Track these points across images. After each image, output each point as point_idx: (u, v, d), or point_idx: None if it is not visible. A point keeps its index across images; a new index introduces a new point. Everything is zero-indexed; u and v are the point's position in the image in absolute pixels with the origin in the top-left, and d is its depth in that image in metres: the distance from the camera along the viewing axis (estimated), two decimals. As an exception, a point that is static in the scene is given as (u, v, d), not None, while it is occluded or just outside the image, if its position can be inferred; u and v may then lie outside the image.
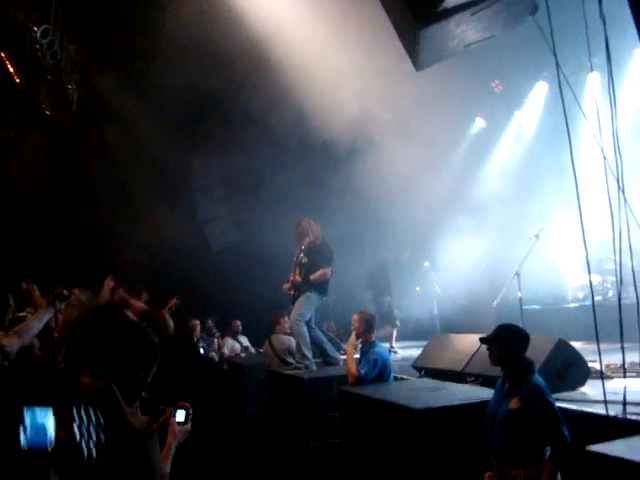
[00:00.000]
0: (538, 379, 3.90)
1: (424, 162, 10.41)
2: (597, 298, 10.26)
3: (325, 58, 9.16)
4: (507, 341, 4.00)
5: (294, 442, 6.85)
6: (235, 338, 10.57)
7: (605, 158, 3.75)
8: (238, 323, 10.66)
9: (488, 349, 4.13)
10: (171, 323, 5.06)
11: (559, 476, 3.76)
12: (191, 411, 2.85)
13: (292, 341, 7.75)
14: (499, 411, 3.93)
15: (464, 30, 4.09)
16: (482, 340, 4.16)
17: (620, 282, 4.42)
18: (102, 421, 1.89)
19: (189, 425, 2.80)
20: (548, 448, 3.76)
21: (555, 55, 4.28)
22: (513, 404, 3.85)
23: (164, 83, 10.49)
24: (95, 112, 11.71)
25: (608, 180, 3.78)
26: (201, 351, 9.12)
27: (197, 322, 9.98)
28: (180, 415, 2.79)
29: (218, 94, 11.03)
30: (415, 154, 10.11)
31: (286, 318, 8.18)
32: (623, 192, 3.58)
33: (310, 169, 11.82)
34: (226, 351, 10.24)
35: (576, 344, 5.64)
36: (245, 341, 10.65)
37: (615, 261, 3.72)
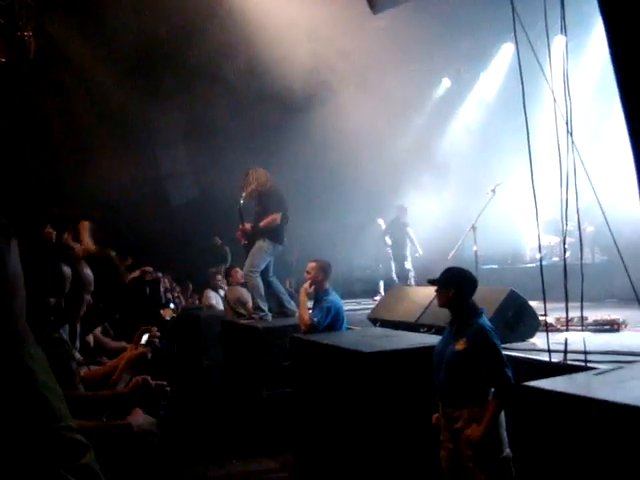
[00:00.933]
0: (485, 321, 3.95)
1: (387, 118, 10.39)
2: (555, 259, 10.48)
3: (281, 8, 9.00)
4: (454, 283, 4.03)
5: (248, 391, 6.87)
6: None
7: (555, 101, 3.73)
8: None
9: (436, 291, 4.16)
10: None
11: (502, 416, 3.83)
12: (155, 336, 2.87)
13: (244, 292, 7.73)
14: (445, 352, 3.97)
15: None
16: (430, 281, 4.17)
17: (565, 232, 4.48)
18: None
19: (149, 350, 2.82)
20: (492, 389, 3.83)
21: (514, 12, 4.25)
22: (459, 345, 3.89)
23: (117, 31, 10.18)
24: (53, 61, 11.33)
25: (557, 125, 3.76)
26: (171, 305, 8.87)
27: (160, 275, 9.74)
28: (144, 338, 2.84)
29: (172, 43, 10.79)
30: (377, 109, 10.07)
31: (237, 269, 8.14)
32: (571, 134, 3.56)
33: (268, 119, 11.68)
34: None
35: (532, 303, 5.71)
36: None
37: (562, 207, 3.71)
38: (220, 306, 9.46)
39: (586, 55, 10.27)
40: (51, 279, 2.23)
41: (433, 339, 4.85)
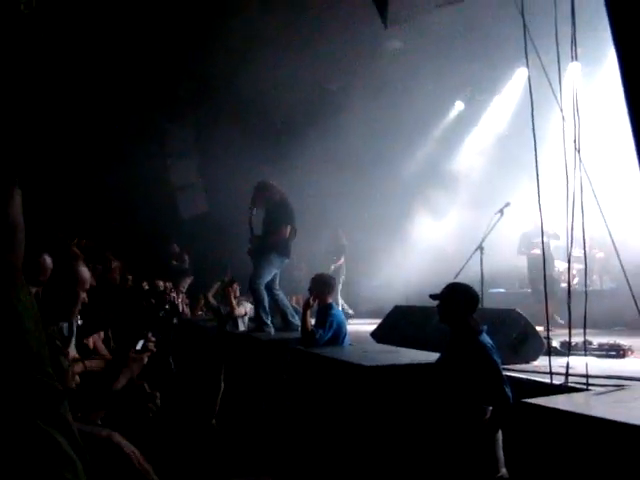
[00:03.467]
0: (484, 338, 3.92)
1: (398, 138, 10.44)
2: (562, 285, 10.38)
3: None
4: (453, 299, 4.01)
5: (248, 404, 6.82)
6: None
7: (564, 118, 3.73)
8: None
9: (437, 306, 4.14)
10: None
11: (499, 435, 3.79)
12: (150, 342, 2.86)
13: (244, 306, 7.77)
14: (444, 369, 3.94)
15: (436, -14, 4.04)
16: (432, 296, 4.16)
17: (570, 255, 4.45)
18: None
19: (145, 356, 2.82)
20: (490, 407, 3.79)
21: (525, 36, 4.29)
22: (457, 362, 3.85)
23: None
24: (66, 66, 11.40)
25: (565, 142, 3.76)
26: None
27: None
28: (139, 344, 2.82)
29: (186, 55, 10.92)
30: (388, 129, 10.12)
31: (235, 285, 8.20)
32: (579, 152, 3.56)
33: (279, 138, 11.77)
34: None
35: (538, 328, 5.66)
36: None
37: (567, 231, 3.70)
38: None
39: (600, 82, 10.27)
40: (29, 267, 2.25)
41: (434, 356, 4.83)
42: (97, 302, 2.81)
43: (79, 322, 3.45)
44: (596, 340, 5.69)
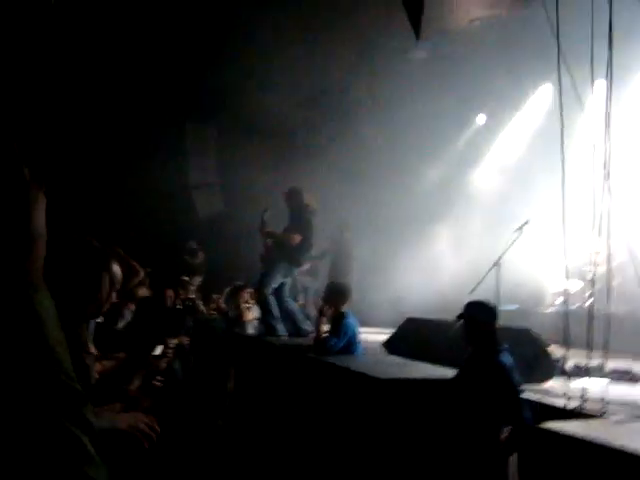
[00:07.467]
0: (504, 358, 3.88)
1: (418, 150, 10.43)
2: (576, 305, 10.28)
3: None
4: (472, 316, 3.98)
5: (260, 409, 6.82)
6: None
7: (594, 146, 3.70)
8: None
9: (460, 325, 4.11)
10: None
11: (515, 457, 3.75)
12: (170, 348, 2.85)
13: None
14: (461, 386, 3.91)
15: (470, 2, 4.02)
16: (458, 317, 4.13)
17: (594, 276, 4.42)
18: None
19: (163, 362, 2.81)
20: (506, 428, 3.75)
21: (559, 53, 4.27)
22: (475, 380, 3.83)
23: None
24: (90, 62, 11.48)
25: (594, 168, 3.74)
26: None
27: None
28: (158, 349, 2.81)
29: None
30: (408, 140, 10.11)
31: (247, 289, 8.21)
32: (608, 178, 3.53)
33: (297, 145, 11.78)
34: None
35: (552, 348, 5.62)
36: None
37: (592, 249, 3.67)
38: None
39: (626, 101, 10.18)
40: (90, 286, 2.25)
41: (449, 372, 4.80)
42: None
43: (98, 319, 3.47)
44: (610, 364, 5.63)
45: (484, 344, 3.94)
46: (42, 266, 0.86)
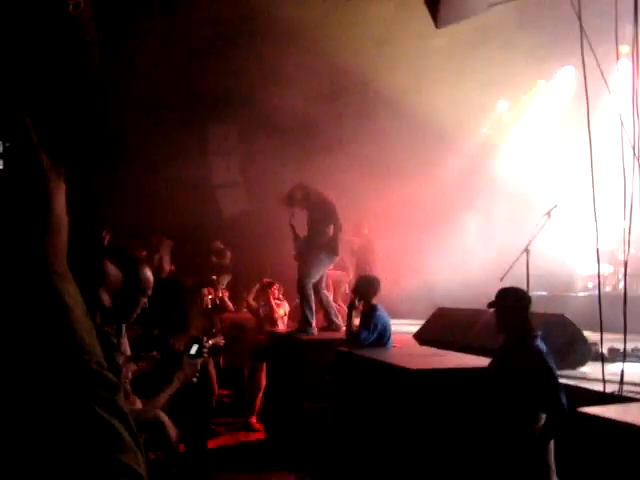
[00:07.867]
0: (540, 344, 3.84)
1: (439, 137, 10.36)
2: (607, 289, 10.14)
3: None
4: (505, 304, 3.94)
5: (290, 404, 6.86)
6: None
7: (622, 124, 3.64)
8: None
9: (494, 314, 4.08)
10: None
11: (552, 443, 3.72)
12: (205, 348, 2.82)
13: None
14: (497, 374, 3.89)
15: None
16: (489, 305, 4.10)
17: (627, 259, 4.36)
18: None
19: (200, 360, 2.79)
20: (544, 415, 3.72)
21: (582, 33, 4.20)
22: (512, 368, 3.80)
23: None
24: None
25: (623, 148, 3.68)
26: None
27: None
28: (194, 348, 2.77)
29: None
30: (428, 128, 10.04)
31: (275, 286, 8.24)
32: (639, 159, 3.47)
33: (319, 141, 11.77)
34: None
35: (584, 332, 5.55)
36: None
37: (624, 230, 3.62)
38: None
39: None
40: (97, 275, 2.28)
41: (481, 361, 4.77)
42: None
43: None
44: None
45: (518, 331, 3.90)
46: (65, 255, 0.86)
